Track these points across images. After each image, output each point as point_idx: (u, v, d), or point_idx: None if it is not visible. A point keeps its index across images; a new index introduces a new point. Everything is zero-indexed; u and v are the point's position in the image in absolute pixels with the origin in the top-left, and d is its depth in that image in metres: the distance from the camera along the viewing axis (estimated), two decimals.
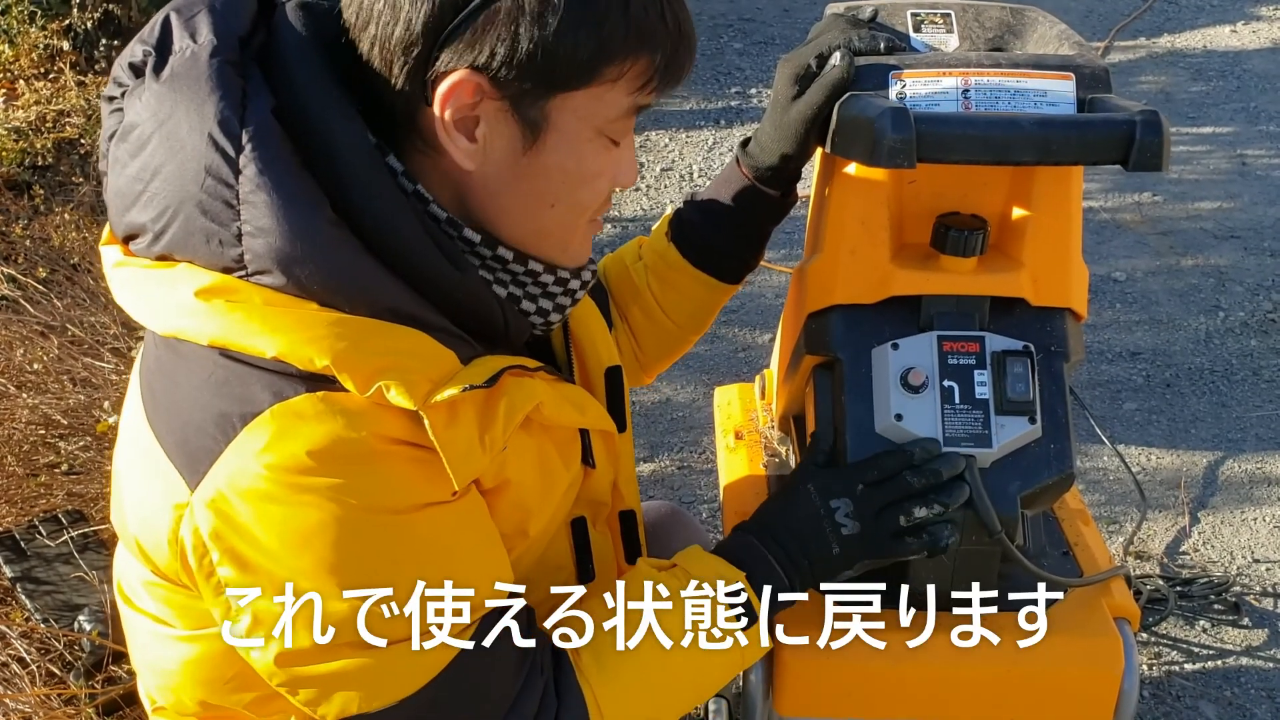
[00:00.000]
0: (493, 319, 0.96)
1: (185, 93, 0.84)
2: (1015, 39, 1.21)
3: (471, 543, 0.94)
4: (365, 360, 0.84)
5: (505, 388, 0.93)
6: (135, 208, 0.87)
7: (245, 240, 0.83)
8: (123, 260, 0.90)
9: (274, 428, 0.83)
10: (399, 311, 0.87)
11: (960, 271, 1.10)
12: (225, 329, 0.84)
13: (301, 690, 0.89)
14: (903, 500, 1.05)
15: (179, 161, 0.84)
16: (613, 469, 1.14)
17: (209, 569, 0.87)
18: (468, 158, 0.91)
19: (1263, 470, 2.60)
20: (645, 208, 3.63)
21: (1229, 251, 3.42)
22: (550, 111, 0.89)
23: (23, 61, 3.79)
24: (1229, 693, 2.07)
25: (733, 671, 1.06)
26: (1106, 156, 1.00)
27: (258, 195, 0.82)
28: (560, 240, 0.99)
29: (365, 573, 0.86)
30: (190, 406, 0.87)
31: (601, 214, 1.01)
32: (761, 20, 4.96)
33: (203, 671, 0.97)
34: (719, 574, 1.04)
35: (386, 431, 0.86)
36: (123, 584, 1.02)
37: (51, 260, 2.84)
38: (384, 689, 0.88)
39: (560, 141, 0.91)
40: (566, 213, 0.96)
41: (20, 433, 2.25)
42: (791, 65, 1.12)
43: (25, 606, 1.88)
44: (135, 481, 0.93)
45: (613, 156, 0.95)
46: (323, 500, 0.83)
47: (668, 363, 1.42)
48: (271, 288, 0.84)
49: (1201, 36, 4.87)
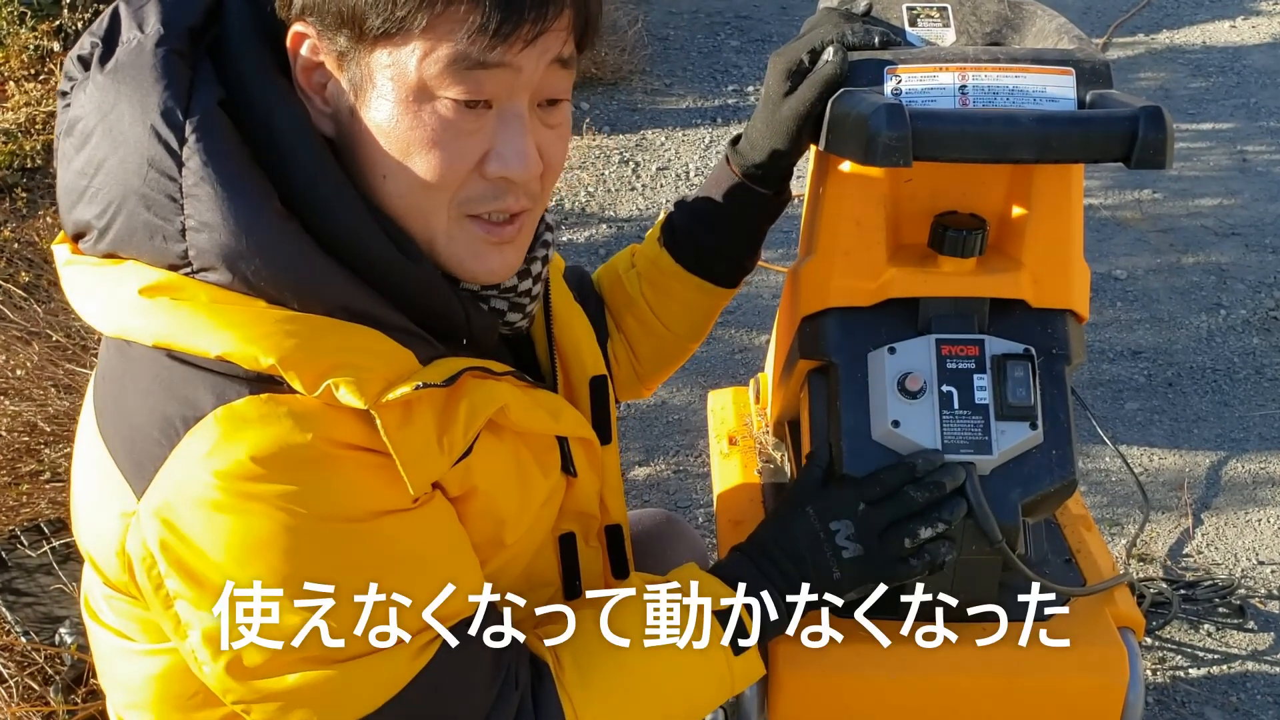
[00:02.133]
0: (451, 314, 0.92)
1: (129, 84, 0.82)
2: (1013, 33, 1.18)
3: (435, 552, 0.90)
4: (315, 359, 0.81)
5: (466, 389, 0.90)
6: (81, 204, 0.85)
7: (189, 235, 0.81)
8: (71, 259, 0.88)
9: (218, 431, 0.80)
10: (352, 309, 0.84)
11: (959, 272, 1.08)
12: (169, 328, 0.81)
13: (255, 708, 0.86)
14: (906, 520, 1.03)
15: (121, 155, 0.82)
16: (598, 479, 1.11)
17: (157, 580, 0.83)
18: (323, 120, 0.87)
19: (1266, 470, 2.57)
20: (641, 207, 3.61)
21: (1230, 249, 3.40)
22: (369, 67, 0.84)
23: (13, 63, 3.77)
24: (1235, 698, 2.04)
25: (723, 694, 1.03)
26: (1108, 154, 0.98)
27: (201, 188, 0.79)
28: (422, 231, 0.89)
29: (319, 583, 0.83)
30: (136, 411, 0.85)
31: (481, 208, 0.90)
32: (758, 18, 4.94)
33: (167, 687, 0.94)
34: (713, 593, 1.02)
35: (337, 435, 0.82)
36: (89, 597, 1.00)
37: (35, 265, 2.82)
38: (344, 706, 0.85)
39: (380, 100, 0.84)
40: (403, 188, 0.87)
41: (2, 440, 2.22)
42: (784, 60, 1.10)
43: (5, 619, 1.85)
44: (87, 492, 0.91)
45: (459, 127, 0.85)
46: (271, 509, 0.80)
47: (667, 373, 1.39)
48: (218, 284, 0.81)
49: (1201, 32, 4.86)
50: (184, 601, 0.83)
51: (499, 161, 0.87)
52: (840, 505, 1.05)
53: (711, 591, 1.02)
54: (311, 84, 0.87)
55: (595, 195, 3.67)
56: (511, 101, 0.87)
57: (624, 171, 3.80)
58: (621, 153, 3.91)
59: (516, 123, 0.87)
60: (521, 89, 0.87)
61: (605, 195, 3.67)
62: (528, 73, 0.86)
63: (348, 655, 0.84)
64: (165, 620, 0.86)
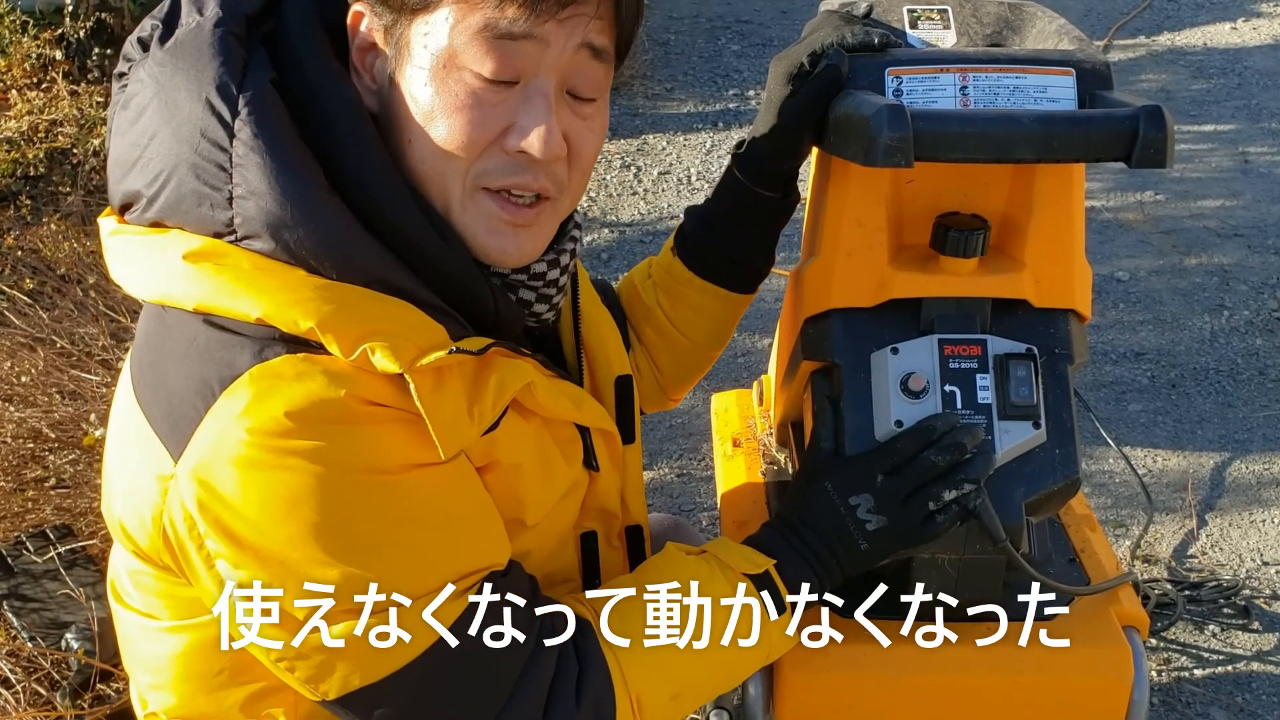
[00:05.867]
0: (481, 299, 0.93)
1: (186, 60, 0.86)
2: (1014, 34, 1.19)
3: (465, 507, 0.91)
4: (352, 324, 0.83)
5: (496, 364, 0.92)
6: (132, 174, 0.88)
7: (236, 203, 0.83)
8: (117, 229, 0.91)
9: (253, 390, 0.82)
10: (389, 283, 0.86)
11: (961, 273, 1.08)
12: (211, 292, 0.83)
13: (300, 665, 0.87)
14: (927, 485, 1.02)
15: (175, 125, 0.85)
16: (619, 477, 1.12)
17: (199, 540, 0.85)
18: (369, 96, 0.92)
19: (1270, 471, 2.57)
20: (642, 212, 3.61)
21: (1233, 250, 3.40)
22: (406, 37, 0.88)
23: (15, 71, 3.77)
24: (1240, 699, 2.04)
25: (760, 659, 1.05)
26: (1109, 153, 0.98)
27: (251, 158, 0.82)
28: (439, 198, 0.91)
29: (356, 536, 0.84)
30: (174, 375, 0.87)
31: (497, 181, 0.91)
32: (759, 22, 4.95)
33: (193, 664, 0.95)
34: (749, 561, 1.03)
35: (369, 394, 0.84)
36: (115, 582, 1.01)
37: (40, 271, 2.82)
38: (384, 656, 0.86)
39: (412, 68, 0.88)
40: (424, 152, 0.90)
41: (7, 446, 2.22)
42: (784, 63, 1.10)
43: (12, 625, 1.85)
44: (122, 459, 0.92)
45: (482, 98, 0.87)
46: (305, 463, 0.82)
47: (691, 383, 1.40)
48: (260, 253, 0.84)
49: (1202, 34, 4.86)
50: (224, 560, 0.84)
51: (519, 134, 0.89)
52: (858, 478, 1.04)
53: (748, 559, 1.03)
54: (364, 62, 0.91)
55: (597, 200, 3.67)
56: (538, 79, 0.89)
57: (625, 176, 3.81)
58: (623, 157, 3.91)
59: (540, 100, 0.89)
60: (549, 68, 0.89)
61: (607, 200, 3.67)
62: (555, 49, 0.88)
63: (385, 605, 0.85)
64: (207, 580, 0.86)
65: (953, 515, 1.02)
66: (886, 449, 1.04)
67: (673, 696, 0.99)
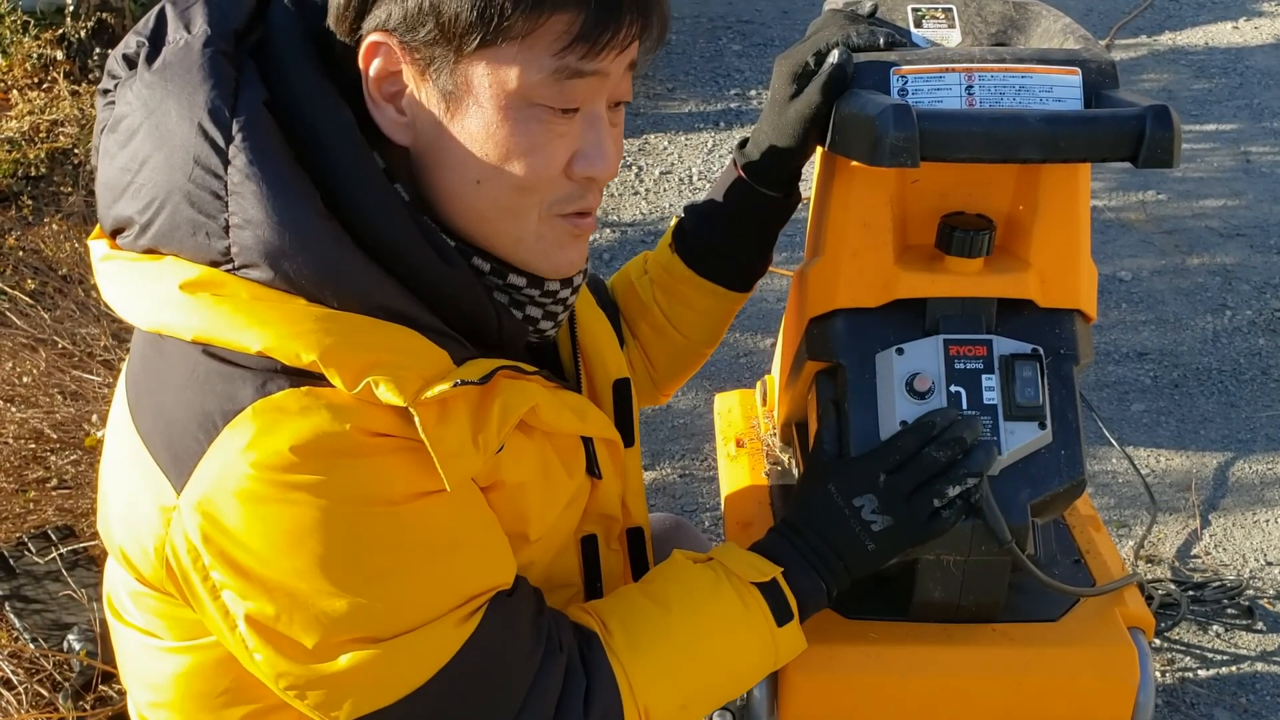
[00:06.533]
0: (485, 318, 0.93)
1: (176, 82, 0.83)
2: (1019, 34, 1.18)
3: (471, 531, 0.91)
4: (354, 356, 0.82)
5: (500, 388, 0.91)
6: (123, 199, 0.86)
7: (233, 233, 0.81)
8: (109, 254, 0.89)
9: (257, 424, 0.81)
10: (390, 309, 0.85)
11: (966, 273, 1.07)
12: (209, 324, 0.82)
13: (310, 693, 0.86)
14: (930, 481, 1.02)
15: (167, 151, 0.83)
16: (620, 481, 1.11)
17: (203, 572, 0.84)
18: (398, 129, 0.89)
19: (1273, 471, 2.57)
20: (644, 211, 3.61)
21: (1235, 250, 3.40)
22: (465, 76, 0.86)
23: (16, 71, 3.77)
24: (1244, 699, 2.04)
25: (767, 666, 1.05)
26: (1116, 153, 0.98)
27: (247, 186, 0.80)
28: (510, 231, 0.92)
29: (362, 566, 0.84)
30: (174, 406, 0.85)
31: (570, 207, 0.93)
32: (760, 22, 4.95)
33: (195, 684, 0.95)
34: (755, 568, 1.03)
35: (373, 426, 0.83)
36: (112, 597, 1.00)
37: (41, 272, 2.82)
38: (394, 682, 0.86)
39: (476, 108, 0.86)
40: (498, 192, 0.90)
41: (9, 447, 2.22)
42: (789, 63, 1.10)
43: (14, 626, 1.85)
44: (121, 486, 0.91)
45: (553, 130, 0.88)
46: (311, 497, 0.81)
47: (683, 379, 1.40)
48: (259, 282, 0.82)
49: (1203, 33, 4.86)
50: (230, 592, 0.84)
51: (585, 162, 0.91)
52: (860, 479, 1.04)
53: (754, 566, 1.03)
54: (383, 93, 0.88)
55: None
56: (595, 105, 0.90)
57: (627, 176, 3.80)
58: (625, 157, 3.91)
59: (600, 124, 0.91)
60: (605, 93, 0.90)
61: (608, 199, 3.67)
62: (613, 78, 0.90)
63: (393, 633, 0.85)
64: (213, 610, 0.86)
65: (958, 510, 1.02)
66: (887, 448, 1.04)
67: (680, 706, 0.99)
